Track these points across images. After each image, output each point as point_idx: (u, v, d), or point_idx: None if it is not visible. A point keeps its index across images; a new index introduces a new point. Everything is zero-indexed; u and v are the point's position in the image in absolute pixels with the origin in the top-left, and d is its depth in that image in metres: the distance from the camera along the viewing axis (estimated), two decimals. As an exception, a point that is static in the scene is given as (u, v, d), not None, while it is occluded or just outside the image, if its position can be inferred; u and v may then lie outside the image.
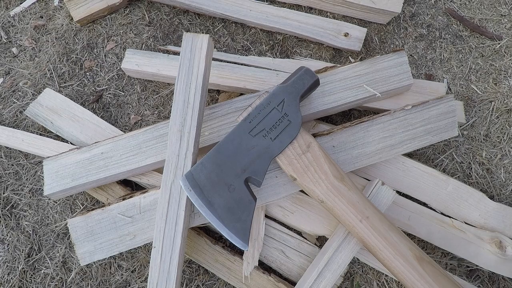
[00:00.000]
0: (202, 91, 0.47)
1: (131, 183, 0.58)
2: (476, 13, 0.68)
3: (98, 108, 0.65)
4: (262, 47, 0.67)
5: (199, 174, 0.42)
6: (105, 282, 0.55)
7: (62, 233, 0.58)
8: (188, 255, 0.53)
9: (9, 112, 0.65)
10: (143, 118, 0.64)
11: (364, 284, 0.53)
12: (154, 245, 0.44)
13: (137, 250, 0.56)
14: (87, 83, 0.67)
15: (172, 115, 0.46)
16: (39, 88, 0.67)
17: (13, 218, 0.60)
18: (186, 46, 0.47)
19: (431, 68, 0.64)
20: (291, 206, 0.53)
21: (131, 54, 0.62)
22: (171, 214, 0.44)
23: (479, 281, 0.54)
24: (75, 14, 0.68)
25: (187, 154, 0.45)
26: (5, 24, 0.73)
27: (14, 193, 0.61)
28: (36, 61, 0.69)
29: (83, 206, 0.59)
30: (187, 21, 0.70)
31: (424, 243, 0.55)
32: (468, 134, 0.61)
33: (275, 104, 0.44)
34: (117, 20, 0.71)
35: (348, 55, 0.66)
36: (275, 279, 0.51)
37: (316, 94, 0.53)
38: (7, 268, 0.57)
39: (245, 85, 0.58)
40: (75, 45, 0.69)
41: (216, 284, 0.54)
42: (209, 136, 0.52)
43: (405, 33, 0.67)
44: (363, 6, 0.63)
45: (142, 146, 0.52)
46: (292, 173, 0.43)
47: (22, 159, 0.62)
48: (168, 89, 0.65)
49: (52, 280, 0.56)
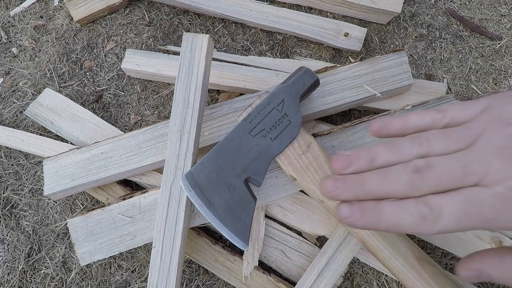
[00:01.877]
0: (202, 91, 0.47)
1: (131, 183, 0.58)
2: (476, 13, 0.68)
3: (98, 108, 0.65)
4: (262, 47, 0.67)
5: (199, 174, 0.42)
6: (105, 282, 0.55)
7: (62, 233, 0.58)
8: (188, 255, 0.53)
9: (9, 112, 0.65)
10: (143, 118, 0.64)
11: (364, 284, 0.53)
12: (154, 245, 0.44)
13: (137, 250, 0.56)
14: (87, 83, 0.67)
15: (172, 115, 0.46)
16: (39, 88, 0.67)
17: (13, 218, 0.60)
18: (186, 46, 0.47)
19: (431, 68, 0.64)
20: (291, 206, 0.53)
21: (131, 54, 0.62)
22: (171, 214, 0.44)
23: (479, 281, 0.54)
24: (75, 14, 0.68)
25: (187, 154, 0.45)
26: (5, 24, 0.73)
27: (14, 193, 0.61)
28: (36, 61, 0.69)
29: (83, 206, 0.59)
30: (187, 21, 0.70)
31: (424, 243, 0.55)
32: (468, 134, 0.61)
33: (275, 104, 0.44)
34: (117, 20, 0.71)
35: (348, 55, 0.66)
36: (275, 279, 0.51)
37: (316, 94, 0.53)
38: (7, 268, 0.57)
39: (245, 85, 0.58)
40: (75, 45, 0.69)
41: (216, 284, 0.54)
42: (209, 136, 0.52)
43: (405, 33, 0.67)
44: (363, 6, 0.63)
45: (142, 146, 0.52)
46: (292, 173, 0.43)
47: (22, 159, 0.62)
48: (168, 89, 0.65)
49: (52, 280, 0.56)
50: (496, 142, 0.25)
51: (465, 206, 0.24)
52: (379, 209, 0.27)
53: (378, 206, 0.27)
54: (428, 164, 0.26)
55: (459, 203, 0.25)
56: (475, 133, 0.26)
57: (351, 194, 0.28)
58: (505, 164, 0.24)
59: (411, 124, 0.30)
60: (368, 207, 0.27)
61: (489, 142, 0.25)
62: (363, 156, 0.29)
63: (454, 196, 0.25)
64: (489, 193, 0.24)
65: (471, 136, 0.26)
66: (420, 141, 0.28)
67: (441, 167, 0.26)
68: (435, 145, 0.27)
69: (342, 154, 0.30)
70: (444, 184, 0.25)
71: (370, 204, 0.28)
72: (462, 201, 0.25)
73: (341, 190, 0.29)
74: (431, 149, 0.27)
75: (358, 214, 0.28)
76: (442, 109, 0.29)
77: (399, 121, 0.30)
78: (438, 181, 0.25)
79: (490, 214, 0.24)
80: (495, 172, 0.24)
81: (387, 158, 0.28)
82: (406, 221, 0.26)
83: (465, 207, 0.24)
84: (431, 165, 0.26)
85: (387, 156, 0.28)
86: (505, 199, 0.24)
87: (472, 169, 0.25)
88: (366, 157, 0.29)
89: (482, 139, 0.26)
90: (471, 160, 0.25)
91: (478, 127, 0.26)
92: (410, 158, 0.27)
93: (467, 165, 0.25)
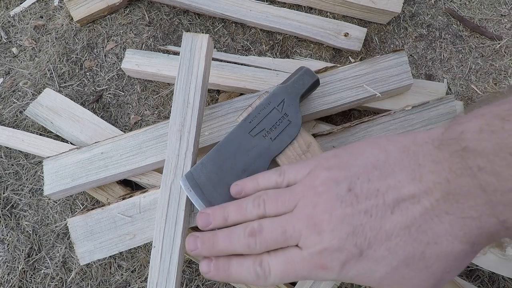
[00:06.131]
0: (202, 91, 0.47)
1: (131, 183, 0.58)
2: (476, 13, 0.68)
3: (98, 108, 0.65)
4: (262, 47, 0.67)
5: (199, 174, 0.42)
6: (105, 282, 0.55)
7: (62, 233, 0.58)
8: (188, 255, 0.53)
9: (9, 112, 0.65)
10: (143, 118, 0.64)
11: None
12: (154, 245, 0.44)
13: (137, 250, 0.56)
14: (87, 83, 0.67)
15: (172, 115, 0.46)
16: (39, 88, 0.67)
17: (13, 218, 0.60)
18: (185, 46, 0.47)
19: (431, 68, 0.64)
20: (291, 206, 0.53)
21: (131, 54, 0.62)
22: (171, 214, 0.44)
23: (479, 281, 0.54)
24: (75, 14, 0.68)
25: (187, 154, 0.45)
26: (5, 24, 0.73)
27: (14, 193, 0.61)
28: (36, 61, 0.69)
29: (83, 206, 0.59)
30: (187, 21, 0.70)
31: (424, 243, 0.55)
32: (468, 134, 0.61)
33: (275, 104, 0.44)
34: (117, 20, 0.71)
35: (348, 55, 0.66)
36: (275, 279, 0.51)
37: (316, 94, 0.53)
38: (7, 268, 0.57)
39: (245, 85, 0.58)
40: (75, 45, 0.69)
41: (216, 284, 0.54)
42: (209, 136, 0.52)
43: (405, 33, 0.67)
44: (363, 6, 0.63)
45: (142, 146, 0.52)
46: (292, 173, 0.43)
47: (22, 159, 0.62)
48: (168, 89, 0.65)
49: (52, 280, 0.56)
50: (307, 210, 0.29)
51: (285, 266, 0.29)
52: (228, 266, 0.32)
53: (228, 264, 0.33)
54: (260, 229, 0.31)
55: (281, 263, 0.30)
56: (295, 198, 0.31)
57: (207, 252, 0.34)
58: (310, 233, 0.28)
59: (261, 186, 0.35)
60: (220, 264, 0.33)
61: (302, 210, 0.29)
62: (218, 215, 0.35)
63: (279, 256, 0.30)
64: (301, 255, 0.29)
65: (293, 201, 0.31)
66: (259, 202, 0.33)
67: (267, 231, 0.30)
68: (268, 207, 0.32)
69: (204, 212, 0.36)
70: (271, 245, 0.30)
71: (221, 261, 0.33)
72: (283, 262, 0.30)
73: (200, 250, 0.34)
74: (266, 211, 0.32)
75: (214, 270, 0.33)
76: (282, 172, 0.34)
77: (252, 184, 0.36)
78: (266, 243, 0.30)
79: (303, 272, 0.29)
80: (304, 238, 0.29)
81: (236, 218, 0.34)
82: (248, 278, 0.31)
83: (285, 267, 0.29)
84: (261, 230, 0.31)
85: (235, 216, 0.34)
86: (310, 262, 0.28)
87: (290, 234, 0.29)
88: (220, 216, 0.35)
89: (299, 205, 0.30)
90: (290, 227, 0.29)
91: (299, 193, 0.31)
92: (252, 218, 0.33)
93: (286, 231, 0.30)
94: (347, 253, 0.27)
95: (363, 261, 0.26)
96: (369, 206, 0.26)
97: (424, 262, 0.25)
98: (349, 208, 0.27)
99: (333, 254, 0.27)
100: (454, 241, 0.24)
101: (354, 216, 0.27)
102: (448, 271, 0.26)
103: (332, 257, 0.27)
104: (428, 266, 0.25)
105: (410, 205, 0.25)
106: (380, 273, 0.26)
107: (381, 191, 0.26)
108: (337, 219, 0.27)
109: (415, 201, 0.25)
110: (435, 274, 0.25)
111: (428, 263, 0.25)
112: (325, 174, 0.29)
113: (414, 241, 0.25)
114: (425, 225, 0.25)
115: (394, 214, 0.26)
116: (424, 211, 0.25)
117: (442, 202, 0.24)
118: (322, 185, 0.29)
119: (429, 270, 0.25)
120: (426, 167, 0.25)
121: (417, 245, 0.25)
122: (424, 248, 0.25)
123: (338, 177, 0.28)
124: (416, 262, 0.25)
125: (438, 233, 0.24)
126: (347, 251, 0.27)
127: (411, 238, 0.25)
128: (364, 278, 0.27)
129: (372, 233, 0.26)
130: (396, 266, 0.26)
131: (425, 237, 0.25)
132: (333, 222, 0.27)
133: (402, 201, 0.26)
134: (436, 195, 0.24)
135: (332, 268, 0.27)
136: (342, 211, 0.27)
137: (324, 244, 0.27)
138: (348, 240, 0.26)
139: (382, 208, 0.26)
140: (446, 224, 0.24)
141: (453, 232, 0.24)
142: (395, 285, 0.27)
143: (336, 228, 0.27)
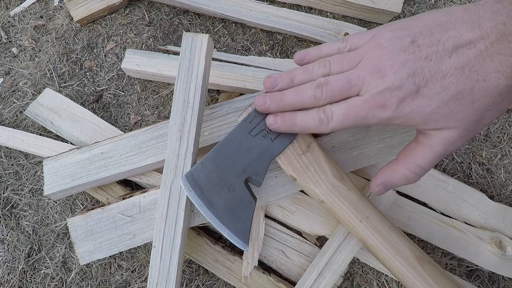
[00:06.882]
0: (202, 90, 0.47)
1: (131, 183, 0.58)
2: (476, 13, 0.68)
3: (98, 108, 0.65)
4: (262, 47, 0.67)
5: (199, 174, 0.42)
6: (105, 282, 0.55)
7: (62, 233, 0.58)
8: (188, 255, 0.53)
9: (9, 112, 0.65)
10: (143, 118, 0.64)
11: (364, 284, 0.53)
12: (154, 245, 0.44)
13: (137, 250, 0.56)
14: (87, 83, 0.67)
15: (172, 115, 0.46)
16: (39, 88, 0.67)
17: (13, 218, 0.60)
18: (185, 45, 0.47)
19: (431, 68, 0.64)
20: (291, 206, 0.53)
21: (131, 54, 0.62)
22: (171, 213, 0.44)
23: (479, 281, 0.54)
24: (75, 14, 0.68)
25: (187, 154, 0.45)
26: (5, 24, 0.73)
27: (14, 193, 0.61)
28: (36, 61, 0.69)
29: (83, 206, 0.59)
30: (187, 21, 0.70)
31: (424, 243, 0.55)
32: (468, 134, 0.61)
33: (275, 104, 0.44)
34: (117, 20, 0.71)
35: (348, 55, 0.66)
36: (275, 279, 0.51)
37: (316, 94, 0.53)
38: (7, 268, 0.57)
39: (245, 85, 0.58)
40: (75, 45, 0.69)
41: (216, 284, 0.54)
42: (209, 136, 0.52)
43: (405, 33, 0.67)
44: (363, 6, 0.63)
45: (142, 146, 0.52)
46: (292, 173, 0.43)
47: (22, 159, 0.62)
48: (168, 89, 0.65)
49: (52, 280, 0.56)
50: (371, 62, 0.32)
51: (346, 110, 0.33)
52: (294, 117, 0.36)
53: (293, 115, 0.37)
54: (326, 81, 0.34)
55: (343, 108, 0.33)
56: (360, 56, 0.34)
57: (275, 107, 0.37)
58: (373, 78, 0.32)
59: (323, 53, 0.38)
60: (286, 116, 0.37)
61: (367, 62, 0.33)
62: (285, 77, 0.37)
63: (341, 104, 0.34)
64: (362, 99, 0.32)
65: (357, 58, 0.34)
66: (324, 63, 0.35)
67: (334, 82, 0.34)
68: (334, 66, 0.35)
69: (272, 76, 0.38)
70: (336, 95, 0.34)
71: (288, 114, 0.37)
72: (345, 107, 0.33)
73: (268, 104, 0.38)
74: (332, 70, 0.35)
75: (280, 121, 0.37)
76: (345, 40, 0.37)
77: (315, 52, 0.38)
78: (332, 92, 0.34)
79: (362, 113, 0.32)
80: (366, 84, 0.32)
81: (302, 78, 0.37)
82: (311, 124, 0.35)
83: (346, 111, 0.33)
84: (328, 82, 0.34)
85: (302, 76, 0.37)
86: (370, 103, 0.32)
87: (354, 82, 0.33)
88: (287, 78, 0.37)
89: (363, 60, 0.33)
90: (354, 76, 0.33)
91: (363, 51, 0.34)
92: (318, 77, 0.35)
93: (351, 79, 0.33)
94: (405, 90, 0.30)
95: (419, 98, 0.30)
96: (430, 52, 0.30)
97: (472, 97, 0.29)
98: (412, 55, 0.30)
99: (392, 92, 0.30)
100: (501, 78, 0.27)
101: (416, 61, 0.30)
102: (489, 108, 0.29)
103: (391, 95, 0.31)
104: (474, 101, 0.29)
105: (466, 50, 0.28)
106: (431, 107, 0.30)
107: (442, 41, 0.29)
108: (399, 64, 0.30)
109: (472, 46, 0.28)
110: (478, 111, 0.29)
111: (475, 97, 0.29)
112: (389, 34, 0.32)
113: (466, 79, 0.28)
114: (478, 65, 0.28)
115: (451, 58, 0.29)
116: (479, 53, 0.28)
117: (496, 44, 0.27)
118: (386, 42, 0.32)
119: (474, 106, 0.29)
120: (486, 17, 0.28)
121: (468, 82, 0.28)
122: (474, 84, 0.28)
123: (402, 34, 0.31)
124: (465, 97, 0.29)
125: (488, 70, 0.28)
126: (406, 88, 0.30)
127: (464, 76, 0.28)
128: (415, 114, 0.31)
129: (430, 74, 0.29)
130: (446, 101, 0.29)
131: (475, 75, 0.28)
132: (396, 66, 0.30)
133: (460, 47, 0.29)
134: (491, 37, 0.27)
135: (390, 105, 0.31)
136: (405, 58, 0.30)
137: (386, 84, 0.31)
138: (408, 80, 0.30)
139: (442, 53, 0.29)
140: (496, 62, 0.27)
141: (501, 69, 0.27)
142: (442, 118, 0.30)
143: (398, 71, 0.30)
